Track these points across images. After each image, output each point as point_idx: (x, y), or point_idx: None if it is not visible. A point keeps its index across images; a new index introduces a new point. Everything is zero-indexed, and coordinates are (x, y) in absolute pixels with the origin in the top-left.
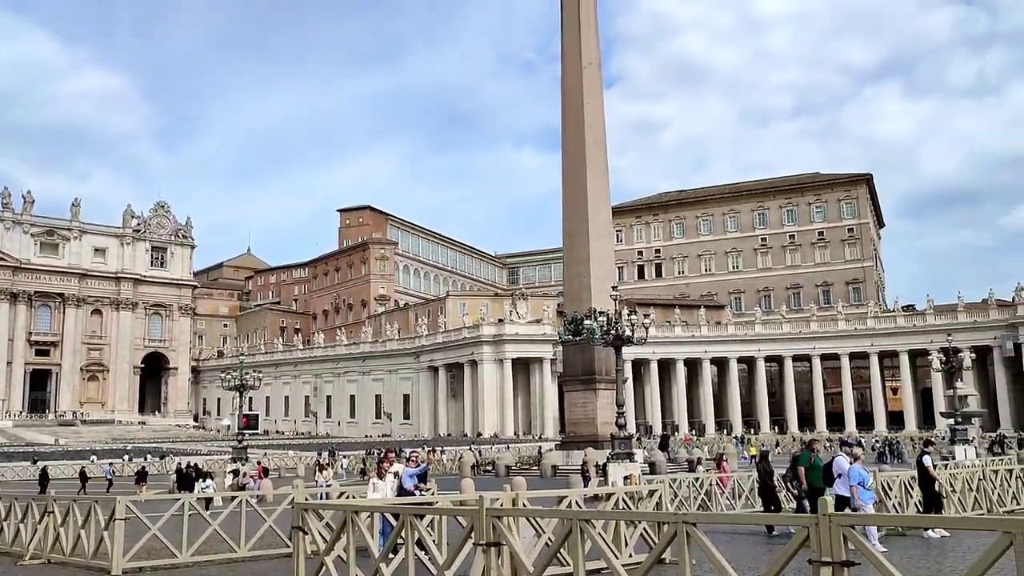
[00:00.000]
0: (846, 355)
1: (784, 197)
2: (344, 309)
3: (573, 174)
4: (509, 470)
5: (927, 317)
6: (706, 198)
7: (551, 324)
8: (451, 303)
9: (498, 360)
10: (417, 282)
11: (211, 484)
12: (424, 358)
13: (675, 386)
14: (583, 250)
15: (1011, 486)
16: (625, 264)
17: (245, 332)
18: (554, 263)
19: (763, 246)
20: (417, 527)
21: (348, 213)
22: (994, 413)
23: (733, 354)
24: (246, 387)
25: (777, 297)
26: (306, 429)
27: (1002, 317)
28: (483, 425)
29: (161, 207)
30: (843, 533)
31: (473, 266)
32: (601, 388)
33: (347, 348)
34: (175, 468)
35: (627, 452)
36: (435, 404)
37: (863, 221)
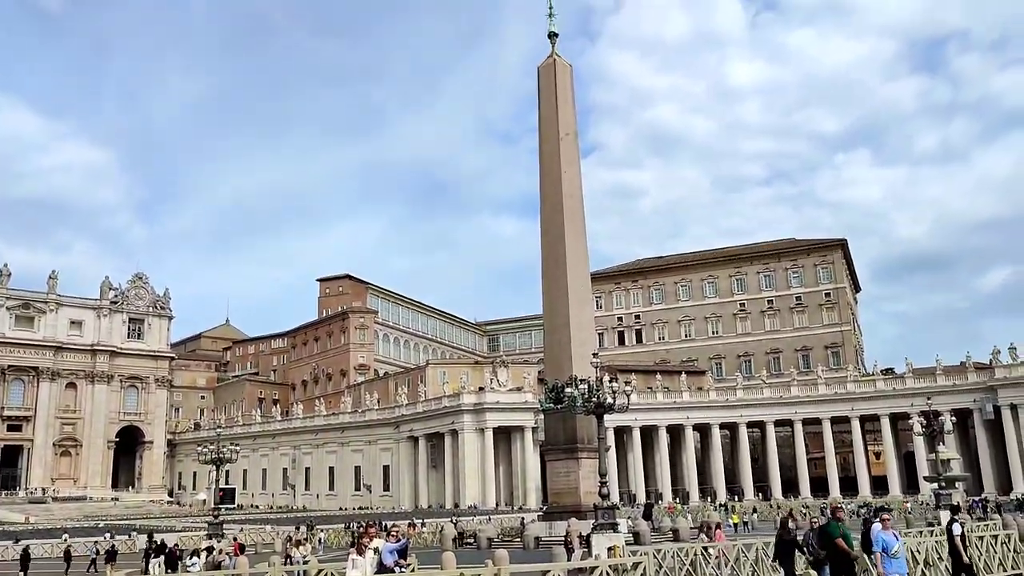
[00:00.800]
0: (828, 419)
1: (761, 262)
2: (323, 379)
3: (552, 241)
4: (491, 542)
5: (906, 380)
6: (684, 264)
7: (532, 392)
8: (431, 372)
9: (479, 429)
10: (397, 351)
11: (197, 562)
12: (404, 428)
13: (658, 453)
14: (563, 316)
15: (997, 552)
16: (605, 330)
17: (223, 403)
18: (534, 330)
19: (742, 311)
20: None
21: (328, 282)
22: (977, 477)
23: (715, 420)
24: (223, 460)
25: (757, 362)
26: (284, 502)
27: (980, 380)
28: (464, 496)
29: (139, 278)
30: None
31: (453, 333)
32: (583, 457)
33: (326, 419)
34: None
35: (611, 522)
36: (415, 475)
37: (839, 285)
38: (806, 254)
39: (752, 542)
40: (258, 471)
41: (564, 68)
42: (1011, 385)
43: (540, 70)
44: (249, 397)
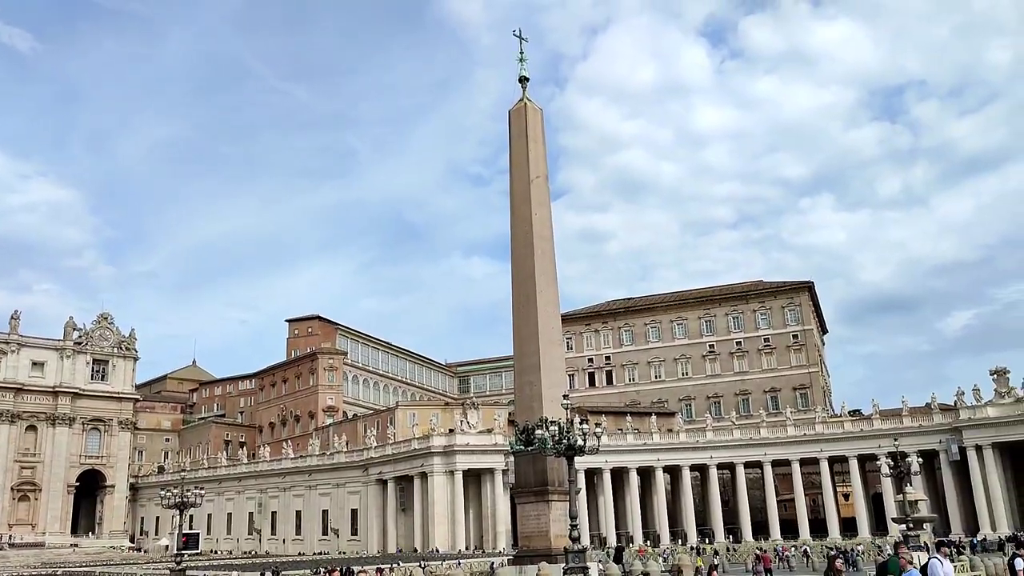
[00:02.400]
0: (796, 461)
1: (729, 304)
2: (291, 421)
3: (522, 282)
4: None
5: (873, 422)
6: (654, 306)
7: (503, 434)
8: (400, 414)
9: (449, 472)
10: (366, 392)
11: None
12: (373, 471)
13: (628, 495)
14: (533, 358)
15: None
16: (576, 371)
17: (188, 446)
18: (505, 371)
19: (711, 352)
20: None
21: (297, 323)
22: (944, 517)
23: (685, 461)
24: (186, 504)
25: (727, 403)
26: (250, 547)
27: (946, 421)
28: (434, 539)
29: (104, 319)
30: None
31: (423, 375)
32: (554, 499)
33: (293, 461)
34: None
35: (581, 566)
36: (384, 518)
37: (807, 327)
38: (773, 296)
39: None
40: (223, 515)
41: (534, 112)
42: (975, 426)
43: (511, 114)
44: (215, 439)
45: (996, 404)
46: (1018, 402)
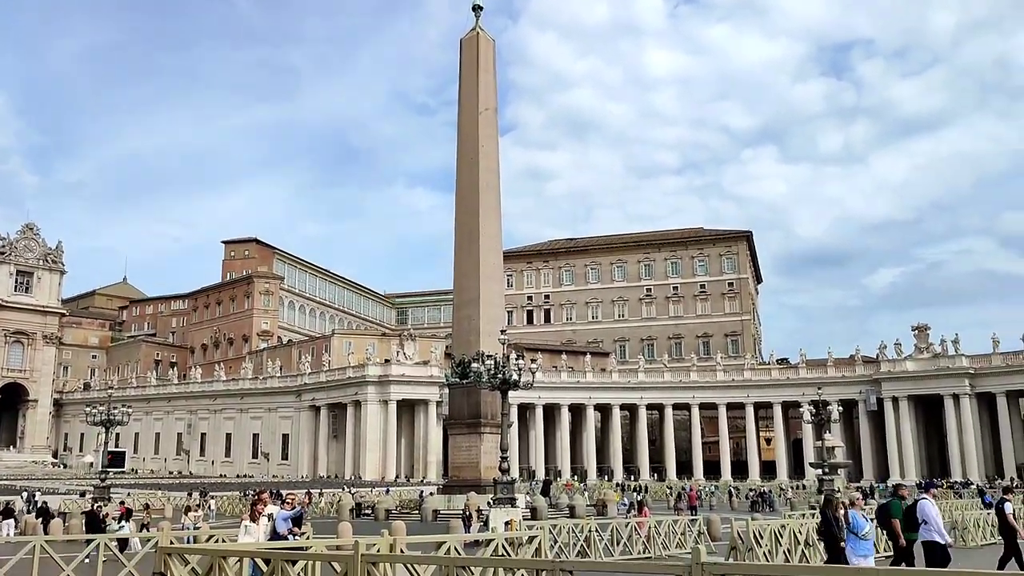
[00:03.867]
0: (724, 405)
1: (669, 250)
2: (224, 344)
3: (466, 216)
4: (389, 514)
5: (800, 371)
6: (595, 247)
7: (439, 366)
8: (336, 341)
9: (383, 401)
10: (302, 319)
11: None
12: (306, 397)
13: (559, 431)
14: (473, 292)
15: None
16: (515, 309)
17: (116, 364)
18: (444, 305)
19: (648, 296)
20: (288, 573)
21: (233, 245)
22: (858, 464)
23: (616, 401)
24: (113, 422)
25: (660, 346)
26: (177, 468)
27: (867, 373)
28: (365, 467)
29: (29, 228)
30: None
31: (361, 304)
32: (486, 432)
33: (225, 384)
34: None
35: (509, 497)
36: (315, 445)
37: (743, 276)
38: (712, 244)
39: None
40: (151, 435)
41: (487, 42)
42: (894, 379)
43: (463, 43)
44: (145, 359)
45: (915, 359)
46: (935, 357)
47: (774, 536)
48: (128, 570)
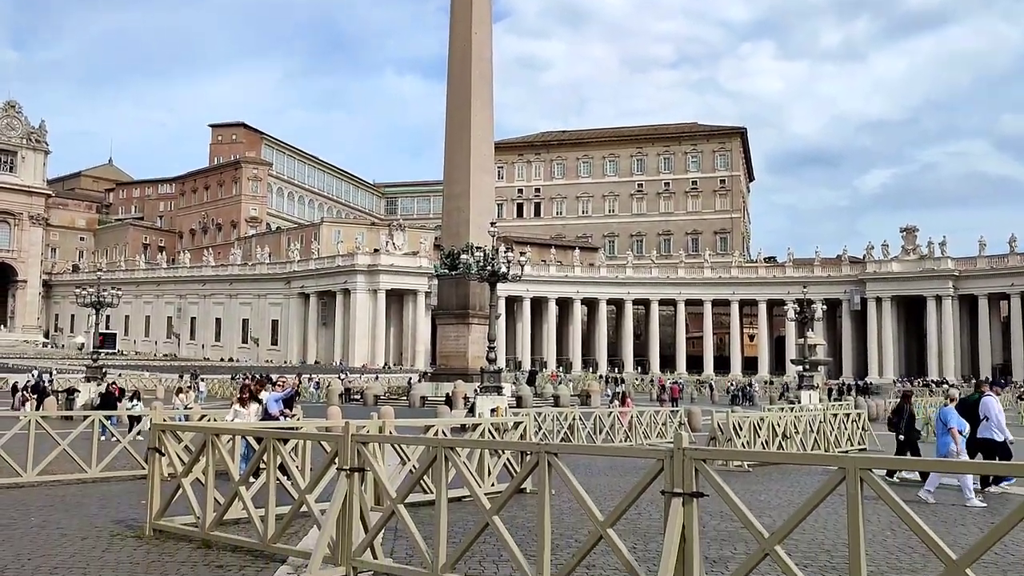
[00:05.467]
0: (709, 301)
1: (662, 145)
2: (212, 229)
3: (457, 105)
4: (377, 399)
5: (786, 269)
6: (587, 140)
7: (428, 257)
8: (326, 230)
9: (372, 290)
10: (291, 206)
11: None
12: (295, 284)
13: (546, 324)
14: (463, 183)
15: (847, 429)
16: (504, 201)
17: (104, 247)
18: (434, 195)
19: (639, 191)
20: (280, 451)
21: (220, 129)
22: (839, 362)
23: (603, 296)
24: (103, 304)
25: (649, 242)
26: (168, 351)
27: (852, 273)
28: (354, 354)
29: (11, 107)
30: (695, 467)
31: (350, 193)
32: (474, 322)
33: (214, 270)
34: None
35: (496, 385)
36: (304, 331)
37: (735, 173)
38: (706, 140)
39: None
40: (141, 318)
41: None
42: (879, 280)
43: None
44: (133, 242)
45: (901, 260)
46: (921, 259)
47: (753, 428)
48: (123, 445)
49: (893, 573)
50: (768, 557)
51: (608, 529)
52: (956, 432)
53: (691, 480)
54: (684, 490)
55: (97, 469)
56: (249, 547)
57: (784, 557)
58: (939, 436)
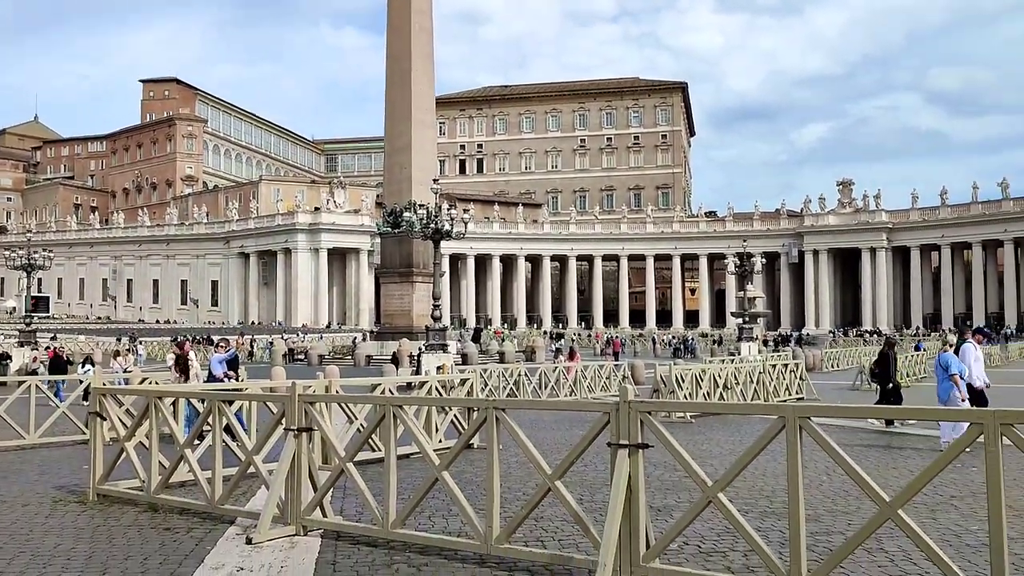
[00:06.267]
0: (652, 256)
1: (604, 100)
2: (147, 188)
3: (397, 59)
4: (322, 359)
5: (726, 224)
6: (530, 95)
7: (370, 215)
8: (264, 188)
9: (313, 249)
10: (228, 164)
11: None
12: (235, 244)
13: (490, 281)
14: (405, 139)
15: (785, 379)
16: (447, 158)
17: (33, 208)
18: (375, 152)
19: (582, 147)
20: (226, 412)
21: (152, 85)
22: (777, 314)
23: (547, 252)
24: (34, 267)
25: (592, 198)
26: (104, 314)
27: (790, 226)
28: (297, 315)
29: None
30: (641, 419)
31: (288, 150)
32: (418, 280)
33: (150, 230)
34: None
35: (441, 343)
36: (245, 292)
37: (676, 128)
38: (647, 95)
39: (589, 364)
40: (75, 281)
41: None
42: (816, 232)
43: None
44: (63, 202)
45: (837, 213)
46: (857, 212)
47: (695, 380)
48: (61, 411)
49: (828, 516)
50: (711, 505)
51: (556, 481)
52: (958, 378)
53: (637, 432)
54: (630, 442)
55: (36, 435)
56: (196, 509)
57: (727, 503)
58: (940, 382)
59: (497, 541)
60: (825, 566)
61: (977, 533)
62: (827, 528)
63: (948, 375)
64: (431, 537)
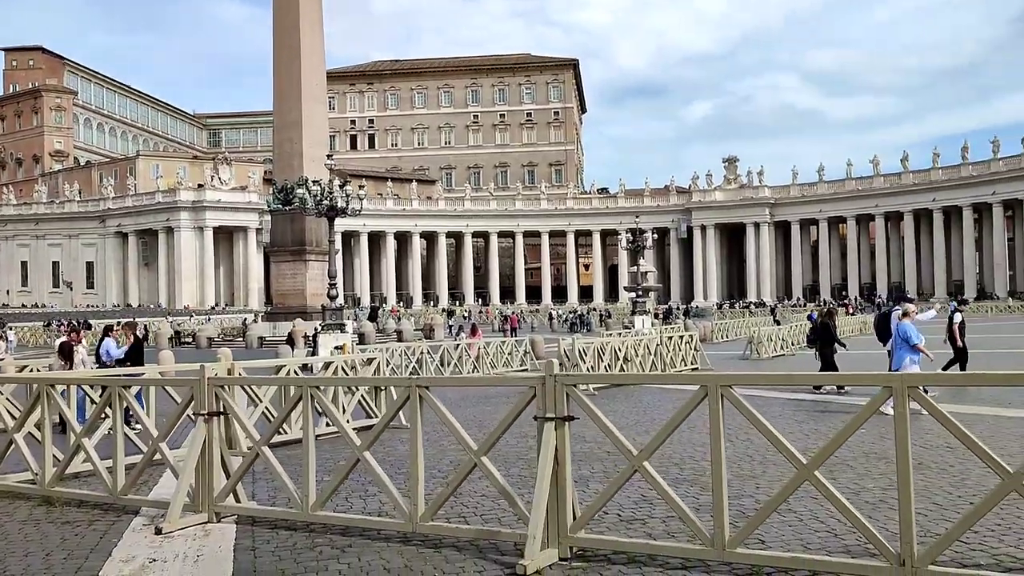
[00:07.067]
0: (546, 233)
1: (497, 76)
2: (12, 164)
3: (286, 31)
4: (211, 342)
5: (618, 200)
6: (422, 71)
7: (258, 192)
8: (143, 164)
9: (198, 228)
10: (101, 138)
11: None
12: (111, 223)
13: (385, 259)
14: (295, 114)
15: (681, 350)
16: (337, 133)
17: None
18: (261, 127)
19: (475, 123)
20: (127, 398)
21: (15, 54)
22: (668, 287)
23: (442, 229)
24: None
25: (486, 174)
26: None
27: (680, 202)
28: (181, 296)
29: None
30: (567, 392)
31: (168, 124)
32: (311, 259)
33: (17, 208)
34: None
35: (338, 323)
36: (124, 273)
37: (568, 105)
38: (539, 71)
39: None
40: None
41: None
42: (703, 208)
43: None
44: None
45: (724, 189)
46: (742, 188)
47: (596, 353)
48: None
49: (736, 480)
50: (631, 472)
51: (483, 457)
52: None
53: (563, 405)
54: (556, 415)
55: None
56: (96, 501)
57: (652, 472)
58: (896, 350)
59: (422, 519)
60: (747, 528)
61: (873, 490)
62: (737, 492)
63: (911, 345)
64: (355, 518)
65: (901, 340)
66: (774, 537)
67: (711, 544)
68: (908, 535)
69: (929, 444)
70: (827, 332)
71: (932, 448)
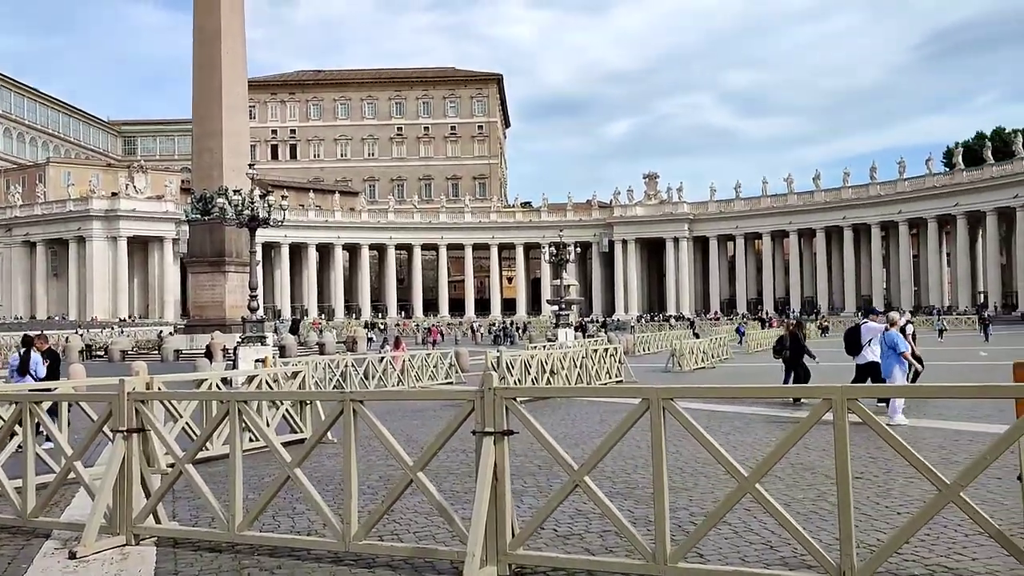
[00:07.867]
0: (470, 246)
1: (421, 89)
2: None
3: (207, 39)
4: (125, 355)
5: (541, 214)
6: (345, 81)
7: (175, 201)
8: (53, 171)
9: (111, 237)
10: (8, 144)
11: None
12: (18, 232)
13: (306, 270)
14: (215, 123)
15: (605, 363)
16: (258, 142)
17: None
18: (179, 135)
19: (399, 135)
20: (38, 414)
21: None
22: (590, 301)
23: (365, 240)
24: None
25: (410, 187)
26: None
27: (601, 217)
28: (92, 308)
29: None
30: (506, 405)
31: (80, 131)
32: (231, 270)
33: None
34: None
35: (259, 336)
36: (32, 283)
37: (492, 119)
38: (464, 85)
39: (416, 353)
40: None
41: None
42: (624, 223)
43: None
44: None
45: (644, 204)
46: (662, 204)
47: (524, 366)
48: None
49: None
50: (572, 487)
51: (419, 472)
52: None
53: (502, 419)
54: (495, 429)
55: None
56: (3, 523)
57: (593, 487)
58: (883, 359)
59: (356, 538)
60: (688, 542)
61: (803, 501)
62: (672, 505)
63: (898, 353)
64: (285, 538)
65: (889, 349)
66: (712, 550)
67: (652, 559)
68: (848, 547)
69: (853, 455)
70: (796, 343)
71: (856, 459)
